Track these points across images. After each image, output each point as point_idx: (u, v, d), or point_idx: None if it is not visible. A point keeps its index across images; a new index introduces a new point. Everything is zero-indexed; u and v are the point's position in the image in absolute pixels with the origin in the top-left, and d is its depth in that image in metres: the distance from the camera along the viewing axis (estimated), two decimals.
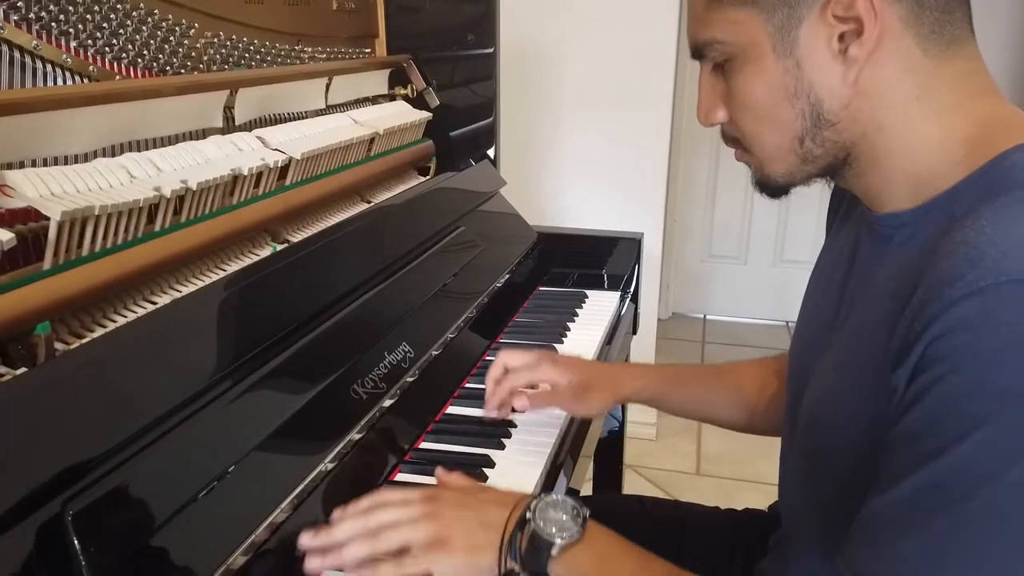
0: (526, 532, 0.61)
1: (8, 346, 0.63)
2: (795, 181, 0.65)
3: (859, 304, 0.65)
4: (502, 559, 0.61)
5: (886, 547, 0.52)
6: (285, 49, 1.15)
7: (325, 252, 0.93)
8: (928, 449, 0.50)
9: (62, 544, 0.51)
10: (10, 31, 0.71)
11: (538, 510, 0.62)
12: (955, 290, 0.49)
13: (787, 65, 0.59)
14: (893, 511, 0.52)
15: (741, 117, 0.64)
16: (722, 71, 0.63)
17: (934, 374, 0.50)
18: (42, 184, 0.68)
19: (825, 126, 0.60)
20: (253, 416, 0.70)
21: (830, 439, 0.65)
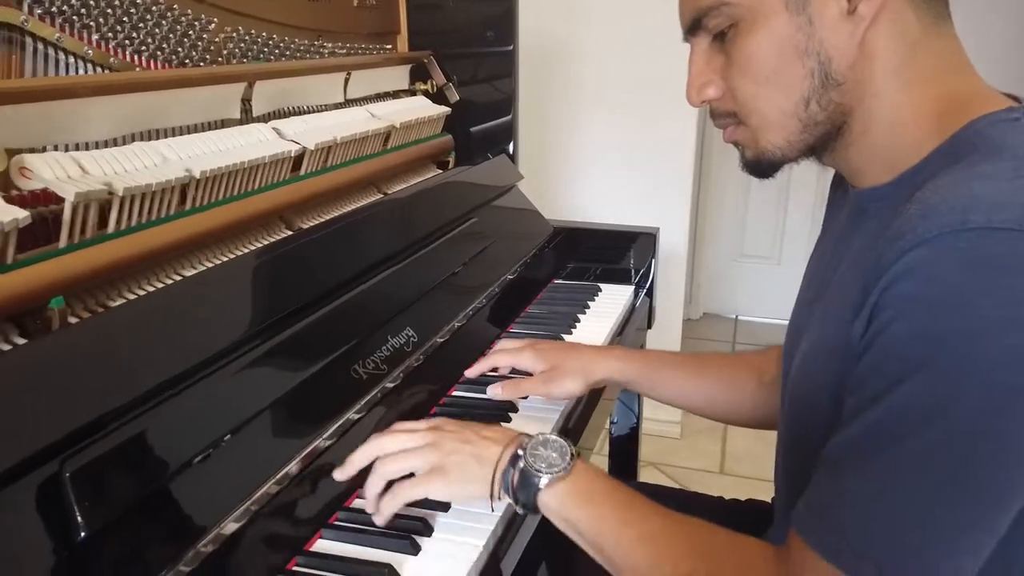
0: (517, 468, 0.67)
1: (25, 319, 0.68)
2: (789, 154, 0.65)
3: (833, 279, 0.67)
4: (494, 490, 0.68)
5: (832, 486, 0.55)
6: (305, 44, 1.18)
7: (334, 237, 0.96)
8: (872, 392, 0.53)
9: (60, 501, 0.54)
10: (34, 24, 0.75)
11: (529, 448, 0.68)
12: (905, 242, 0.52)
13: (799, 22, 0.59)
14: (839, 452, 0.55)
15: (743, 84, 0.63)
16: (721, 41, 0.64)
17: (881, 322, 0.53)
18: (59, 167, 0.72)
19: (832, 86, 0.61)
20: (252, 389, 0.73)
21: (805, 409, 0.67)
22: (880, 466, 0.52)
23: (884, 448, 0.52)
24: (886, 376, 0.52)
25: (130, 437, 0.60)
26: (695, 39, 0.66)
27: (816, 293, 0.72)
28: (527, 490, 0.66)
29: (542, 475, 0.66)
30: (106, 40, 0.84)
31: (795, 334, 0.74)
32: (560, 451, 0.67)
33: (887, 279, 0.52)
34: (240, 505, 0.65)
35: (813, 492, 0.56)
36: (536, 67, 2.04)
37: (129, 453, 0.60)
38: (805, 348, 0.68)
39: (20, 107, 0.71)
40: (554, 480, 0.65)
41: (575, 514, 0.65)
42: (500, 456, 0.69)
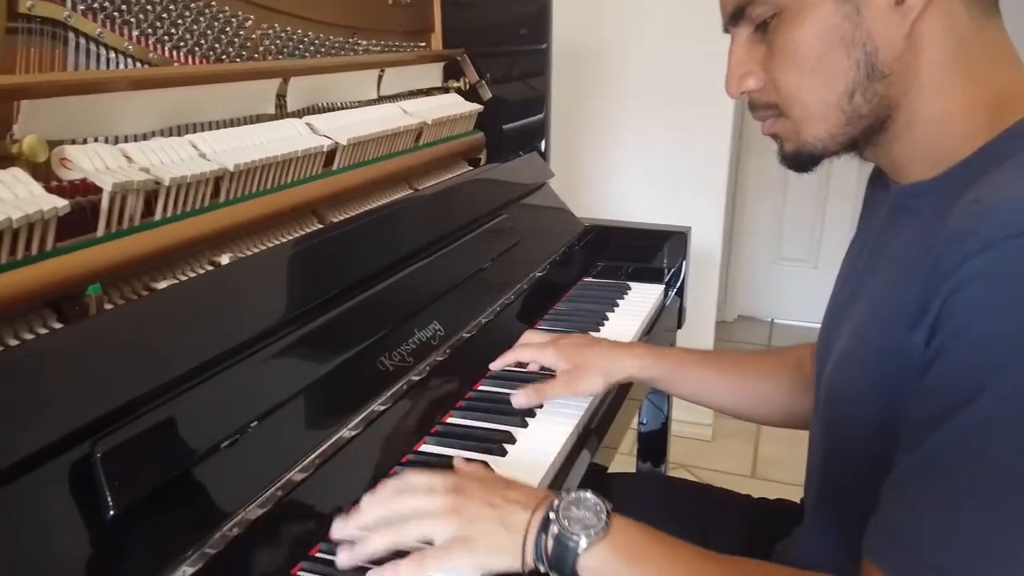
0: (550, 533, 0.60)
1: (63, 305, 0.70)
2: (831, 147, 0.63)
3: (878, 273, 0.66)
4: (525, 560, 0.61)
5: (907, 508, 0.53)
6: (340, 41, 1.20)
7: (364, 231, 0.98)
8: (948, 404, 0.51)
9: (91, 480, 0.56)
10: (77, 19, 0.78)
11: (560, 510, 0.61)
12: (966, 246, 0.50)
13: (847, 11, 0.59)
14: (918, 469, 0.53)
15: (786, 74, 0.62)
16: (763, 31, 0.63)
17: (950, 330, 0.51)
18: (98, 159, 0.74)
19: (877, 78, 0.60)
20: (280, 377, 0.74)
21: (844, 409, 0.66)
22: (965, 481, 0.50)
23: (968, 462, 0.50)
24: (961, 388, 0.50)
25: (160, 421, 0.62)
26: (736, 29, 0.65)
27: (853, 291, 0.70)
28: (563, 556, 0.59)
29: (579, 538, 0.59)
30: (146, 36, 0.86)
31: (830, 333, 0.73)
32: (594, 509, 0.60)
33: (951, 285, 0.51)
34: (265, 491, 0.67)
35: (885, 516, 0.54)
36: (569, 65, 2.04)
37: (159, 436, 0.62)
38: (842, 347, 0.67)
39: (62, 100, 0.74)
40: (593, 542, 0.59)
41: (621, 574, 0.60)
42: (529, 522, 0.61)
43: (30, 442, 0.54)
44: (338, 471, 0.75)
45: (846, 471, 0.69)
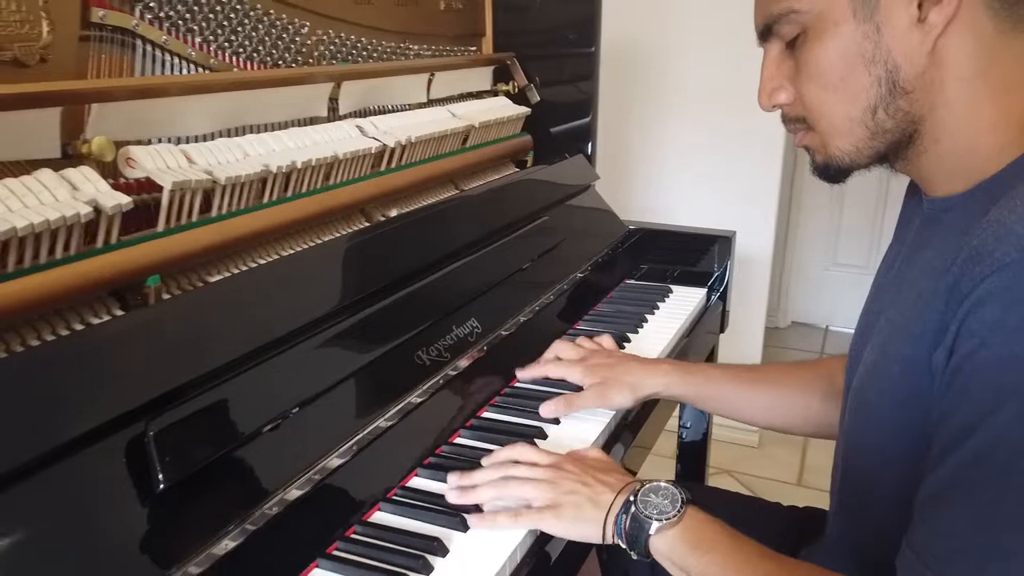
0: (629, 514, 0.69)
1: (125, 294, 0.75)
2: (858, 160, 0.65)
3: (906, 286, 0.66)
4: (605, 533, 0.70)
5: (939, 524, 0.54)
6: (391, 47, 1.24)
7: (408, 229, 1.01)
8: (965, 423, 0.52)
9: (144, 456, 0.61)
10: (144, 27, 0.83)
11: (641, 495, 0.70)
12: (984, 267, 0.52)
13: (867, 30, 0.60)
14: (941, 488, 0.54)
15: (811, 90, 0.64)
16: (791, 48, 0.65)
17: (966, 350, 0.53)
18: (160, 158, 0.79)
19: (899, 95, 0.61)
20: (321, 367, 0.78)
21: (868, 418, 0.67)
22: (979, 500, 0.51)
23: (982, 481, 0.51)
24: (977, 408, 0.51)
25: (209, 404, 0.67)
26: (767, 44, 0.67)
27: (883, 302, 0.71)
28: (638, 536, 0.68)
29: (652, 521, 0.67)
30: (208, 43, 0.92)
31: (860, 343, 0.73)
32: (672, 499, 0.69)
33: (967, 305, 0.52)
34: (304, 474, 0.71)
35: (915, 534, 0.56)
36: (617, 69, 2.05)
37: (207, 418, 0.66)
38: (870, 359, 0.68)
39: (129, 104, 0.79)
40: (664, 527, 0.67)
41: (685, 561, 0.66)
42: (613, 501, 0.71)
43: (92, 418, 0.59)
44: (374, 459, 0.78)
45: (864, 481, 0.69)
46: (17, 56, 0.71)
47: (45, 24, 0.73)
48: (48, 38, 0.73)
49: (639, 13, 2.13)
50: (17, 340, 0.65)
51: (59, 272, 0.67)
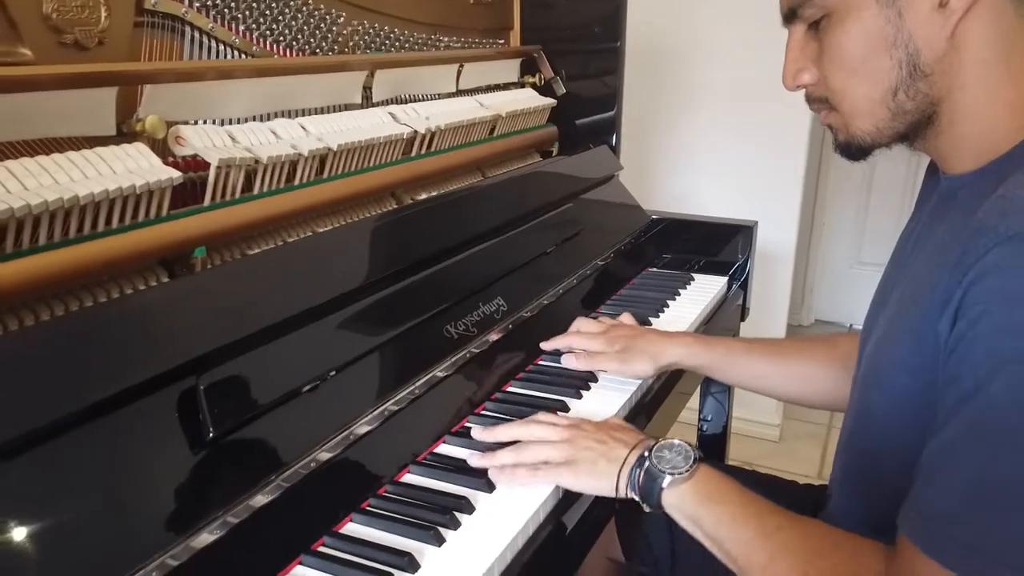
0: (643, 468, 0.72)
1: (174, 264, 0.80)
2: (880, 140, 0.67)
3: (919, 260, 0.69)
4: (619, 487, 0.73)
5: (933, 486, 0.56)
6: (423, 38, 1.28)
7: (438, 210, 1.06)
8: (966, 389, 0.54)
9: (195, 407, 0.65)
10: (192, 15, 0.88)
11: (654, 451, 0.73)
12: (988, 239, 0.54)
13: (889, 14, 0.62)
14: (943, 450, 0.56)
15: (834, 72, 0.66)
16: (815, 30, 0.67)
17: (968, 320, 0.55)
18: (207, 138, 0.84)
19: (919, 78, 0.62)
20: (356, 334, 0.83)
21: (878, 385, 0.69)
22: (977, 461, 0.53)
23: (980, 443, 0.53)
24: (976, 373, 0.54)
25: (253, 363, 0.71)
26: (792, 26, 0.69)
27: (897, 275, 0.74)
28: (651, 489, 0.71)
29: (665, 475, 0.70)
30: (250, 30, 0.97)
31: (874, 314, 0.76)
32: (684, 455, 0.72)
33: (971, 276, 0.54)
34: (335, 435, 0.75)
35: (916, 493, 0.58)
36: (643, 62, 2.08)
37: (251, 375, 0.71)
38: (882, 329, 0.71)
39: (179, 86, 0.84)
40: (676, 481, 0.70)
41: (697, 512, 0.69)
42: (627, 456, 0.74)
43: (148, 371, 0.63)
44: (404, 425, 0.82)
45: (870, 449, 0.72)
46: (78, 39, 0.76)
47: (103, 10, 0.78)
48: (106, 23, 0.78)
49: (664, 7, 2.15)
50: (76, 303, 0.70)
51: (115, 240, 0.72)
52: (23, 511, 0.54)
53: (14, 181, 0.65)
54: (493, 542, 0.69)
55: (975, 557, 0.53)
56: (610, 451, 0.75)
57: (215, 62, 0.92)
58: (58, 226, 0.68)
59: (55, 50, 0.74)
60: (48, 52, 0.74)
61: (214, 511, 0.63)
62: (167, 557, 0.59)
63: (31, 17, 0.72)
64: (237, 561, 0.64)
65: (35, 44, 0.73)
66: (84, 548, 0.56)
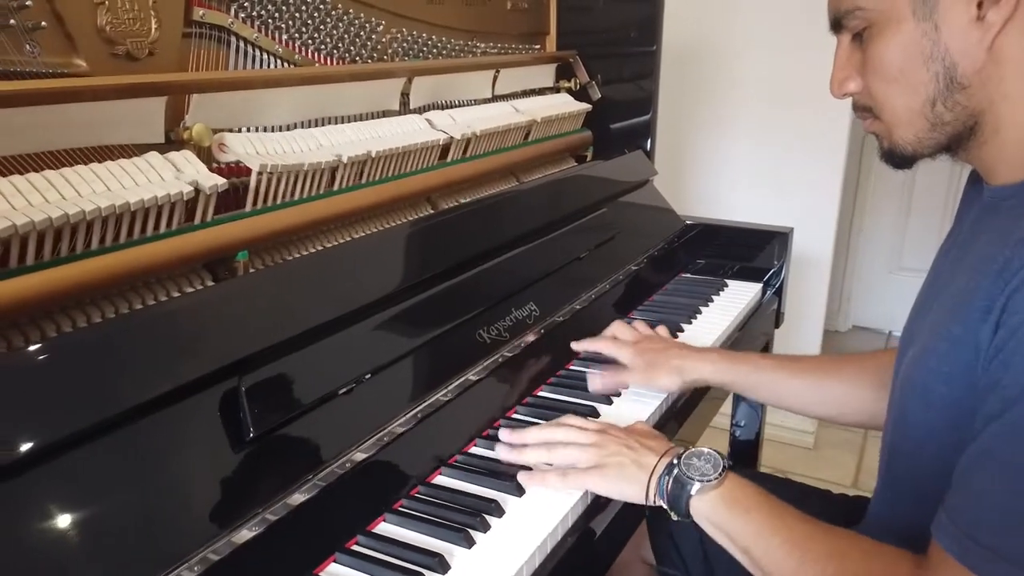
0: (672, 475, 0.72)
1: (217, 267, 0.83)
2: (922, 150, 0.68)
3: (962, 270, 0.68)
4: (648, 494, 0.74)
5: (968, 491, 0.57)
6: (460, 44, 1.30)
7: (471, 216, 1.07)
8: (1006, 396, 0.55)
9: (236, 407, 0.68)
10: (238, 25, 0.91)
11: (683, 458, 0.73)
12: None
13: (925, 28, 0.63)
14: (979, 455, 0.57)
15: (875, 83, 0.67)
16: (860, 41, 0.68)
17: (1010, 327, 0.56)
18: (250, 145, 0.87)
19: (957, 89, 0.63)
20: (390, 339, 0.85)
21: (917, 396, 0.69)
22: (1013, 468, 0.54)
23: (1017, 450, 0.54)
24: (1019, 381, 0.54)
25: (292, 365, 0.74)
26: (839, 36, 0.71)
27: (939, 285, 0.73)
28: (679, 496, 0.71)
29: (694, 482, 0.70)
30: (293, 40, 0.99)
31: (913, 325, 0.75)
32: (713, 463, 0.72)
33: (1015, 283, 0.55)
34: (370, 437, 0.77)
35: (951, 499, 0.58)
36: (679, 67, 2.07)
37: (290, 377, 0.73)
38: (923, 339, 0.70)
39: (225, 94, 0.87)
40: (705, 488, 0.70)
41: (725, 521, 0.70)
42: (657, 464, 0.74)
43: (192, 372, 0.66)
44: (436, 428, 0.84)
45: (907, 455, 0.72)
46: (129, 50, 0.79)
47: (154, 21, 0.81)
48: (156, 34, 0.81)
49: (701, 12, 2.15)
50: (125, 304, 0.73)
51: (162, 245, 0.75)
52: (72, 504, 0.57)
53: (69, 188, 0.68)
54: (522, 545, 0.70)
55: (1006, 567, 0.53)
56: (640, 457, 0.76)
57: (260, 71, 0.95)
58: (110, 231, 0.71)
59: (108, 61, 0.78)
60: (101, 63, 0.77)
61: (254, 508, 0.66)
62: (209, 551, 0.62)
63: (86, 29, 0.75)
64: (275, 557, 0.66)
65: (89, 55, 0.76)
66: (131, 540, 0.58)
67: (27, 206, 0.65)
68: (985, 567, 0.54)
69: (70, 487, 0.57)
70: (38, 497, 0.56)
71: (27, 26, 0.71)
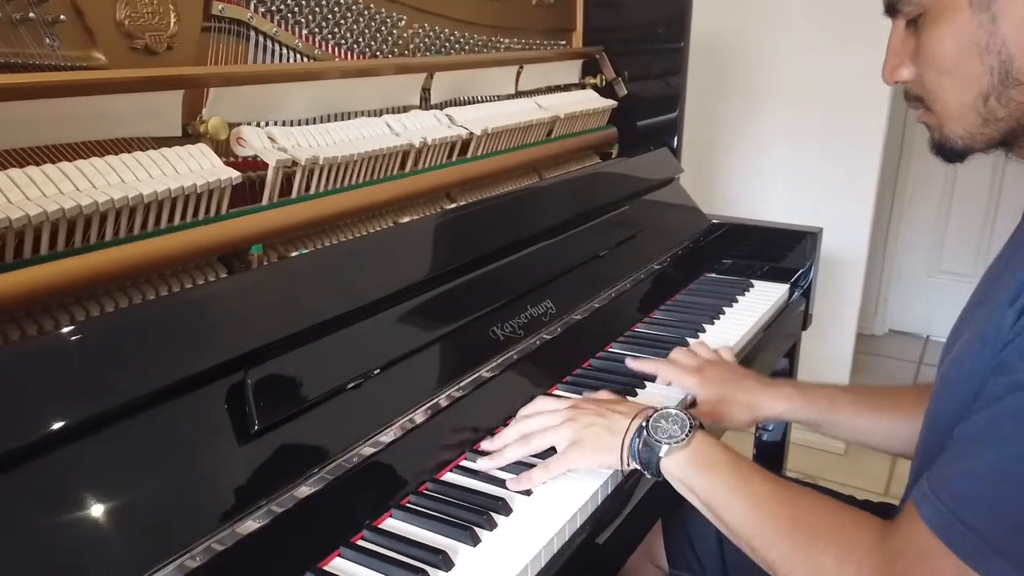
0: (642, 438, 0.75)
1: (231, 260, 0.83)
2: (973, 145, 0.66)
3: (1006, 274, 0.66)
4: (623, 457, 0.76)
5: (964, 463, 0.57)
6: (483, 40, 1.30)
7: (489, 212, 1.07)
8: (1015, 380, 0.55)
9: (242, 401, 0.68)
10: (257, 19, 0.91)
11: (652, 420, 0.75)
12: None
13: (982, 19, 0.60)
14: (977, 431, 0.57)
15: (927, 72, 0.65)
16: (914, 27, 0.65)
17: None
18: (267, 139, 0.87)
19: (1012, 85, 0.61)
20: (401, 335, 0.84)
21: (947, 399, 0.67)
22: (1008, 451, 0.54)
23: (1015, 434, 0.53)
24: None
25: (300, 359, 0.74)
26: (894, 20, 0.68)
27: (984, 293, 0.70)
28: (649, 458, 0.74)
29: (662, 444, 0.73)
30: (313, 34, 0.99)
31: (956, 331, 0.73)
32: (681, 424, 0.74)
33: None
34: (379, 433, 0.77)
35: (937, 467, 0.58)
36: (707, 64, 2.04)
37: (298, 371, 0.73)
38: (961, 343, 0.68)
39: (243, 88, 0.87)
40: (673, 449, 0.72)
41: (692, 480, 0.72)
42: (628, 427, 0.77)
43: (199, 364, 0.66)
44: (446, 425, 0.83)
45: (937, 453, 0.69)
46: (148, 44, 0.80)
47: (173, 15, 0.82)
48: (175, 28, 0.82)
49: (731, 8, 2.11)
50: (139, 296, 0.74)
51: (176, 237, 0.76)
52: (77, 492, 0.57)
53: (84, 180, 0.69)
54: (528, 545, 0.69)
55: (977, 542, 0.53)
56: (612, 424, 0.78)
57: (279, 66, 0.95)
58: (123, 222, 0.71)
59: (127, 54, 0.78)
60: (120, 56, 0.78)
61: (259, 500, 0.66)
62: (213, 542, 0.62)
63: (105, 23, 0.76)
64: (280, 549, 0.66)
65: (108, 49, 0.77)
66: (135, 528, 0.59)
67: (41, 197, 0.66)
68: (957, 540, 0.54)
69: (73, 476, 0.58)
70: (43, 485, 0.56)
71: (47, 20, 0.72)
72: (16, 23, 0.69)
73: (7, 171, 0.65)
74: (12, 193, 0.64)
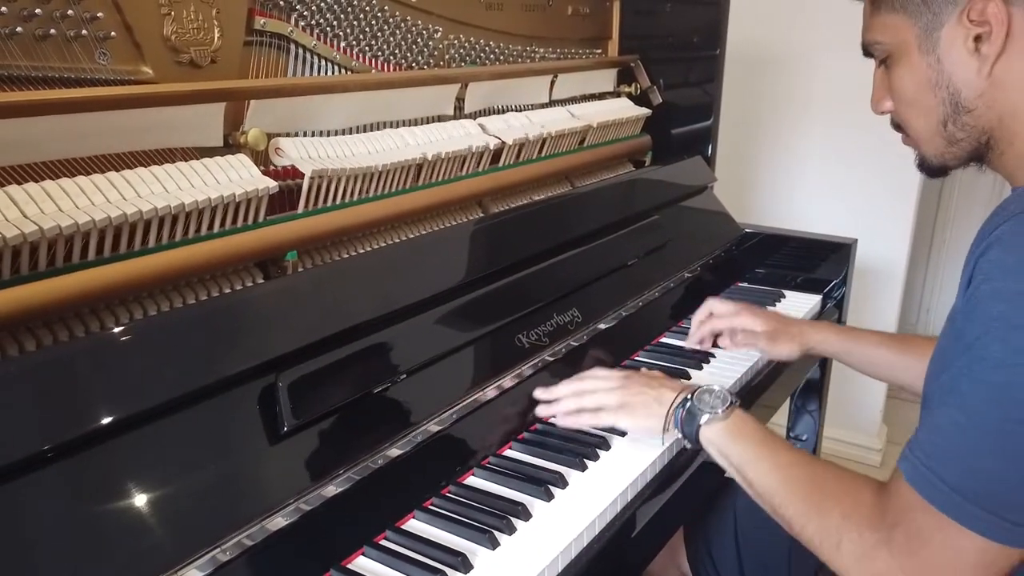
0: (686, 408, 0.84)
1: (268, 266, 0.87)
2: (947, 162, 0.75)
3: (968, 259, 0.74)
4: (667, 424, 0.86)
5: (932, 423, 0.64)
6: (518, 50, 1.31)
7: (518, 222, 1.08)
8: (966, 343, 0.62)
9: (273, 402, 0.71)
10: (297, 33, 0.95)
11: (696, 394, 0.85)
12: (1000, 218, 0.63)
13: (930, 60, 0.71)
14: (941, 392, 0.64)
15: (898, 104, 0.76)
16: (885, 67, 0.77)
17: (975, 284, 0.62)
18: (304, 149, 0.90)
19: (963, 112, 0.71)
20: (429, 340, 0.87)
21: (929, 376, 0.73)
22: (967, 405, 0.60)
23: (970, 391, 0.60)
24: (976, 329, 0.61)
25: (331, 363, 0.76)
26: (874, 60, 0.79)
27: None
28: (691, 425, 0.83)
29: (703, 413, 0.82)
30: (351, 47, 1.02)
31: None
32: (722, 399, 0.83)
33: (983, 248, 0.62)
34: (406, 435, 0.79)
35: (916, 431, 0.65)
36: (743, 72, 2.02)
37: (328, 375, 0.76)
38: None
39: (283, 100, 0.90)
40: (713, 420, 0.82)
41: (727, 447, 0.80)
42: (674, 399, 0.86)
43: (235, 366, 0.69)
44: (470, 429, 0.86)
45: None
46: (193, 58, 0.83)
47: (217, 31, 0.85)
48: (218, 43, 0.86)
49: (767, 17, 2.09)
50: (179, 299, 0.77)
51: (215, 244, 0.79)
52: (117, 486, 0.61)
53: (130, 189, 0.73)
54: (547, 549, 0.71)
55: (950, 492, 0.59)
56: (660, 395, 0.87)
57: (318, 79, 0.98)
58: (166, 230, 0.75)
59: (173, 68, 0.82)
60: (166, 70, 0.81)
61: (288, 498, 0.69)
62: (243, 536, 0.65)
63: (153, 38, 0.80)
64: (306, 546, 0.69)
65: (155, 63, 0.80)
66: (171, 523, 0.62)
67: (90, 205, 0.69)
68: (938, 498, 0.60)
69: (112, 470, 0.61)
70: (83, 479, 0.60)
71: (98, 36, 0.76)
72: (70, 40, 0.73)
73: (59, 181, 0.69)
74: (63, 202, 0.68)
